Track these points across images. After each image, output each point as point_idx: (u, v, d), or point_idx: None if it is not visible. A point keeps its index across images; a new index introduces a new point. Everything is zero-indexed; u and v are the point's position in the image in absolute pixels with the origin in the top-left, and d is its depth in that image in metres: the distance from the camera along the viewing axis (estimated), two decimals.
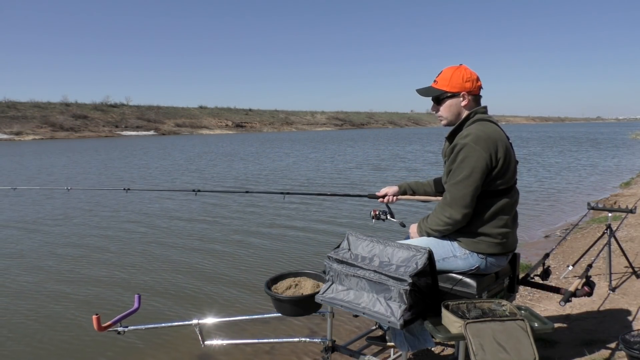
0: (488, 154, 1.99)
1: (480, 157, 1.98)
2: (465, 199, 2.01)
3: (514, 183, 2.15)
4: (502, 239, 2.10)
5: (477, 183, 2.00)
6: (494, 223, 2.08)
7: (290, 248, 5.90)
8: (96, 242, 6.33)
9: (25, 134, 48.78)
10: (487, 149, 1.99)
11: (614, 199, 8.36)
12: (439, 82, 2.18)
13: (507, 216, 2.10)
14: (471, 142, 2.00)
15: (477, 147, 1.99)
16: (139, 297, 2.40)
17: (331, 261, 2.01)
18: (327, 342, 2.30)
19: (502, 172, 2.03)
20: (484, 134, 2.02)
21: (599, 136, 40.24)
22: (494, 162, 2.00)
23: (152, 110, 70.20)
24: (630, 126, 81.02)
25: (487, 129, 2.05)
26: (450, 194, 2.06)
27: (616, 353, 2.53)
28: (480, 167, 1.98)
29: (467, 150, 2.00)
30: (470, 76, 2.15)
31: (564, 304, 2.52)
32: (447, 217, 2.06)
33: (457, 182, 2.03)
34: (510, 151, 2.08)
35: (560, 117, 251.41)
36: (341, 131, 74.04)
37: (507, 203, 2.08)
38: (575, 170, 14.19)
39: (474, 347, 1.61)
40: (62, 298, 4.35)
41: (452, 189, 2.05)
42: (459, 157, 2.02)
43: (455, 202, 2.03)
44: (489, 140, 2.01)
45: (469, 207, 2.03)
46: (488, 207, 2.06)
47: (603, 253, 3.68)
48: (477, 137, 2.01)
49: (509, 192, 2.09)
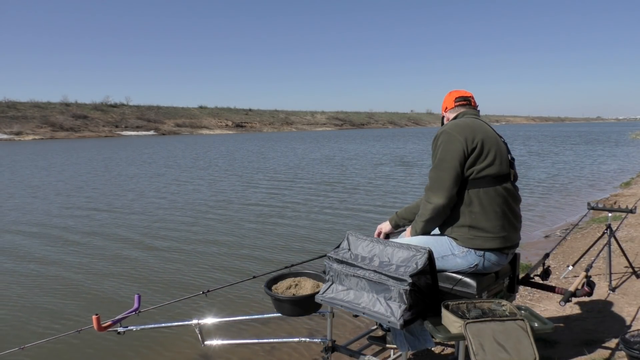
0: (463, 138, 2.07)
1: (455, 140, 2.07)
2: (444, 182, 2.07)
3: (507, 176, 2.15)
4: (498, 232, 2.10)
5: (453, 165, 2.06)
6: (487, 215, 2.08)
7: (290, 248, 5.90)
8: (96, 242, 6.33)
9: (25, 134, 48.79)
10: (462, 134, 2.09)
11: (614, 199, 8.36)
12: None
13: (501, 209, 2.10)
14: (447, 128, 2.14)
15: (453, 132, 2.10)
16: (139, 297, 2.40)
17: (331, 261, 2.01)
18: (327, 342, 2.30)
19: (481, 157, 2.07)
20: (462, 122, 2.16)
21: (599, 136, 40.23)
22: (469, 145, 2.06)
23: (152, 110, 70.22)
24: (630, 126, 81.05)
25: (466, 120, 2.19)
26: (431, 179, 2.14)
27: (616, 353, 2.53)
28: (455, 149, 2.07)
29: (444, 136, 2.12)
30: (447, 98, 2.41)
31: (564, 304, 2.52)
32: (429, 203, 2.12)
33: (435, 166, 2.13)
34: (493, 139, 2.13)
35: (560, 117, 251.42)
36: (341, 131, 74.03)
37: (498, 193, 2.09)
38: (575, 170, 14.19)
39: (474, 347, 1.61)
40: (62, 298, 4.36)
41: (431, 174, 2.15)
42: (437, 143, 2.15)
43: (436, 186, 2.10)
44: (465, 127, 2.12)
45: (449, 190, 2.07)
46: (478, 197, 2.08)
47: (603, 253, 3.68)
48: (454, 124, 2.15)
49: (499, 183, 2.11)
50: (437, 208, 2.10)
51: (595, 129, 65.86)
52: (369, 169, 15.51)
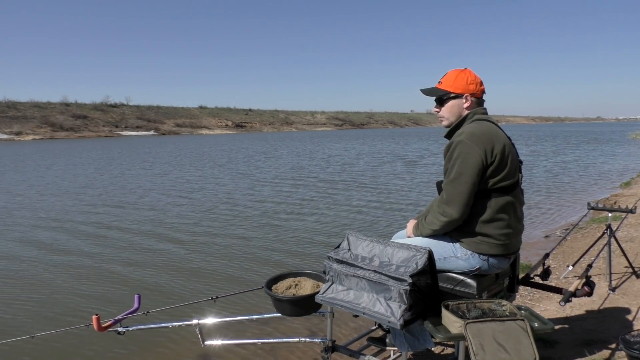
0: (483, 151, 1.98)
1: (475, 153, 1.98)
2: (462, 197, 2.00)
3: (517, 182, 2.13)
4: (505, 240, 2.08)
5: (472, 180, 1.99)
6: (496, 224, 2.06)
7: (290, 248, 5.90)
8: (95, 242, 6.33)
9: (25, 134, 48.80)
10: (481, 146, 1.99)
11: (614, 199, 8.36)
12: (444, 83, 2.20)
13: (510, 216, 2.08)
14: (465, 139, 2.01)
15: (472, 144, 1.99)
16: (139, 297, 2.41)
17: (331, 261, 2.00)
18: (327, 342, 2.29)
19: (499, 169, 2.02)
20: (479, 131, 2.03)
21: (599, 136, 40.21)
22: (489, 158, 1.99)
23: (152, 110, 70.25)
24: (630, 126, 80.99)
25: (482, 127, 2.06)
26: (447, 192, 2.05)
27: (616, 353, 2.53)
28: (475, 163, 1.98)
29: (462, 147, 2.00)
30: (474, 79, 2.18)
31: (564, 304, 2.52)
32: (443, 216, 2.06)
33: (452, 179, 2.02)
34: (508, 148, 2.07)
35: (560, 117, 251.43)
36: (341, 131, 74.01)
37: (508, 202, 2.07)
38: (575, 170, 14.19)
39: (474, 347, 1.61)
40: (61, 298, 4.36)
41: (448, 187, 2.05)
42: (454, 155, 2.03)
43: (452, 200, 2.02)
44: (483, 137, 2.01)
45: (466, 205, 2.02)
46: (489, 206, 2.04)
47: (603, 253, 3.68)
48: (471, 134, 2.01)
49: (510, 192, 2.08)
50: (451, 222, 2.05)
51: (595, 129, 65.84)
52: (374, 167, 15.51)
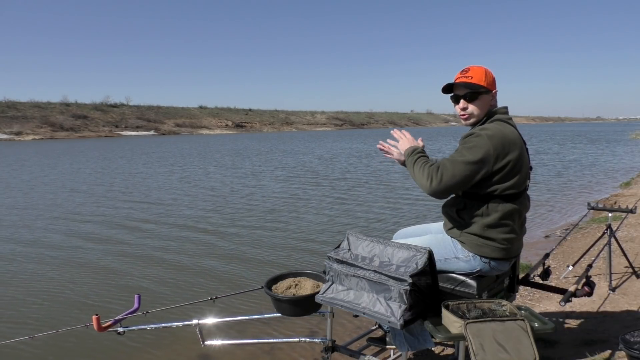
0: (496, 153, 1.95)
1: (488, 152, 1.94)
2: (454, 178, 1.94)
3: (525, 189, 2.11)
4: (507, 244, 2.07)
5: (472, 172, 1.94)
6: (501, 229, 2.04)
7: (290, 248, 5.90)
8: (94, 242, 6.33)
9: (25, 134, 48.81)
10: (496, 148, 1.95)
11: (614, 199, 8.36)
12: (475, 78, 2.08)
13: (515, 222, 2.07)
14: (486, 135, 1.97)
15: (490, 142, 1.95)
16: (139, 297, 2.41)
17: (331, 261, 2.00)
18: (327, 342, 2.29)
19: (509, 176, 1.99)
20: (501, 133, 1.99)
21: (599, 136, 40.20)
22: (497, 164, 1.96)
23: (152, 110, 70.27)
24: (630, 126, 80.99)
25: (506, 130, 2.02)
26: (445, 166, 1.97)
27: (616, 353, 2.53)
28: (483, 160, 1.94)
29: (480, 140, 1.96)
30: (494, 76, 2.15)
31: (564, 304, 2.52)
32: (427, 180, 1.97)
33: (456, 160, 1.96)
34: (522, 156, 2.04)
35: (560, 117, 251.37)
36: (341, 131, 74.02)
37: (515, 209, 2.05)
38: (575, 170, 14.18)
39: (474, 347, 1.61)
40: (61, 299, 4.35)
41: (448, 163, 1.98)
42: (470, 142, 1.98)
43: (445, 175, 1.95)
44: (503, 140, 1.97)
45: (452, 189, 1.98)
46: (495, 211, 2.02)
47: (603, 253, 3.68)
48: (493, 133, 1.97)
49: (518, 198, 2.06)
50: (431, 188, 1.96)
51: (596, 129, 65.83)
52: (374, 166, 15.51)
